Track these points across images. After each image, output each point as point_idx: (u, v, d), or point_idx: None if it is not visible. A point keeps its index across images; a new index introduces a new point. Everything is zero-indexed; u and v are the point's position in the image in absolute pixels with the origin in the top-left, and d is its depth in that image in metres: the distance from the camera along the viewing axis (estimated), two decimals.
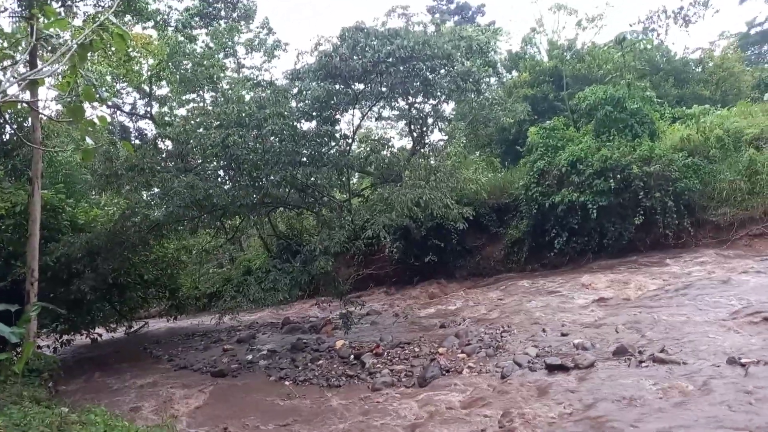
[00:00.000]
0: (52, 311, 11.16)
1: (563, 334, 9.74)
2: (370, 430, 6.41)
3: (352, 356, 10.36)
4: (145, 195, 14.83)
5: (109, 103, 20.44)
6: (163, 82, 21.18)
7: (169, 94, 22.33)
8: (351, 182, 15.95)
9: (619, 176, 16.27)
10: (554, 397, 6.67)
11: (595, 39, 28.63)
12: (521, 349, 9.10)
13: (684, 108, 20.80)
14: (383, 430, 6.36)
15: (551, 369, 7.81)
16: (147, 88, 20.73)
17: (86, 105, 4.94)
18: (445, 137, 18.27)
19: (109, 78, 19.78)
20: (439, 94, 14.19)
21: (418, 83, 13.35)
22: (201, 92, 21.77)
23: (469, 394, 7.39)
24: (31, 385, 8.33)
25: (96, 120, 5.41)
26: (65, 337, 14.60)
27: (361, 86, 13.45)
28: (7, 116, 13.81)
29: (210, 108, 15.18)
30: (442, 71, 13.40)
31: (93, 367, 12.66)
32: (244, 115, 12.07)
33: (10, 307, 8.86)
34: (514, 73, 26.81)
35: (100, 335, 15.92)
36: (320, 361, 10.38)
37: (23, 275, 10.54)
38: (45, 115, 13.97)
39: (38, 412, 6.69)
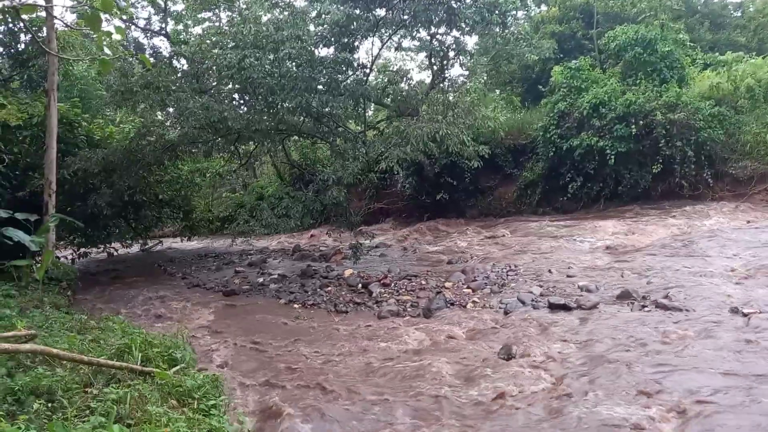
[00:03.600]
0: (69, 224, 11.43)
1: (569, 276, 9.87)
2: (374, 353, 6.67)
3: (359, 285, 10.61)
4: (160, 114, 14.77)
5: (124, 16, 19.91)
6: None
7: (184, 12, 21.69)
8: (367, 114, 15.71)
9: (641, 122, 15.89)
10: (554, 334, 6.84)
11: None
12: (526, 288, 9.26)
13: (717, 54, 19.92)
14: (387, 354, 6.61)
15: (554, 308, 7.96)
16: (162, 3, 20.12)
17: (103, 15, 4.83)
18: (466, 72, 17.78)
19: None
20: (462, 25, 13.65)
21: (442, 12, 12.83)
22: (217, 11, 21.10)
23: (472, 327, 7.59)
24: (50, 292, 8.66)
25: (113, 30, 5.29)
26: (82, 249, 15.04)
27: (383, 12, 12.97)
28: (21, 25, 13.57)
29: (226, 28, 14.75)
30: (468, 0, 12.83)
31: (109, 280, 13.13)
32: (260, 36, 11.71)
33: (29, 217, 9.08)
34: (543, 7, 25.58)
35: (116, 250, 16.38)
36: (329, 288, 10.65)
37: (41, 187, 10.71)
38: (63, 22, 13.70)
39: (59, 316, 7.01)
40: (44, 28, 11.40)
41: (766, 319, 6.51)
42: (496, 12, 13.42)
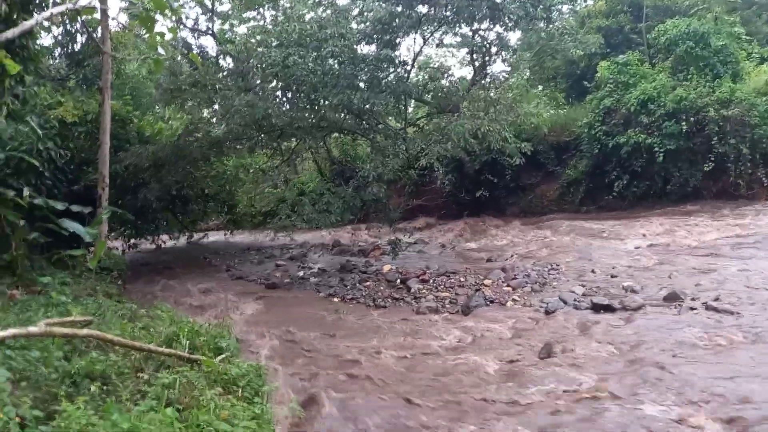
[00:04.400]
0: (120, 216, 11.93)
1: (613, 276, 9.63)
2: (412, 348, 6.70)
3: (398, 280, 10.65)
4: (206, 112, 15.20)
5: (175, 17, 20.57)
6: None
7: (230, 12, 22.21)
8: (407, 110, 15.73)
9: (692, 119, 15.33)
10: (597, 335, 6.71)
11: None
12: (568, 288, 9.09)
13: None
14: (425, 349, 6.63)
15: (597, 308, 7.80)
16: (209, 3, 20.67)
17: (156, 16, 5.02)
18: (508, 68, 17.53)
19: None
20: (506, 20, 13.47)
21: (485, 7, 12.70)
22: (261, 10, 21.51)
23: (512, 325, 7.52)
24: (102, 281, 9.06)
25: (165, 30, 5.49)
26: (132, 241, 15.65)
27: (425, 8, 12.94)
28: (78, 26, 14.21)
29: (270, 26, 15.05)
30: None
31: (158, 270, 13.61)
32: (304, 34, 11.90)
33: (84, 209, 9.49)
34: (589, 1, 24.89)
35: (164, 242, 16.97)
36: (367, 283, 10.74)
37: (94, 181, 11.20)
38: (118, 22, 14.28)
39: (111, 304, 7.33)
40: (99, 29, 11.89)
41: None
42: (541, 6, 13.19)
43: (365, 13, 13.23)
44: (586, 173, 17.98)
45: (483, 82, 15.05)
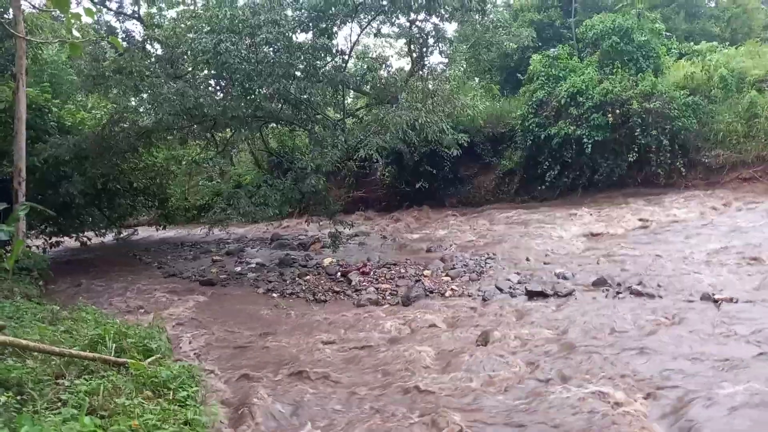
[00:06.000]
0: (41, 212, 11.13)
1: (546, 263, 9.99)
2: (351, 342, 6.66)
3: (338, 273, 10.58)
4: (133, 100, 14.43)
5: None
6: None
7: None
8: (345, 101, 15.59)
9: (618, 111, 16.08)
10: (532, 321, 6.93)
11: None
12: (504, 276, 9.34)
13: (692, 44, 20.21)
14: (366, 342, 6.61)
15: (531, 295, 8.06)
16: None
17: None
18: (446, 60, 17.69)
19: None
20: (442, 11, 13.55)
21: None
22: None
23: (451, 314, 7.64)
24: (21, 282, 8.46)
25: (82, 12, 5.11)
26: (54, 239, 14.71)
27: None
28: None
29: (201, 11, 14.44)
30: None
31: (83, 269, 12.87)
32: (236, 20, 11.49)
33: None
34: None
35: (90, 239, 16.05)
36: (307, 277, 10.60)
37: (10, 175, 10.41)
38: (30, 4, 13.24)
39: (30, 306, 6.85)
40: (10, 10, 10.99)
41: (736, 305, 6.69)
42: None
43: (300, 0, 12.92)
44: (521, 164, 18.54)
45: (421, 73, 15.11)
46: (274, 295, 9.66)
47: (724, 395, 4.44)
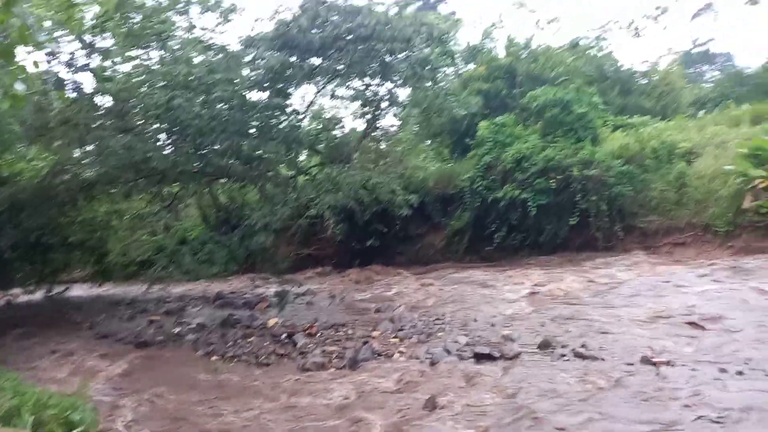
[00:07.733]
0: None
1: (493, 325, 10.03)
2: (296, 410, 6.38)
3: (284, 335, 10.24)
4: (78, 152, 14.00)
5: (47, 49, 19.02)
6: (108, 34, 19.86)
7: (113, 48, 21.03)
8: (299, 159, 15.70)
9: (559, 177, 16.82)
10: (480, 385, 6.87)
11: (551, 41, 29.31)
12: (452, 337, 9.29)
13: (626, 117, 21.71)
14: (309, 410, 6.35)
15: (479, 357, 8.02)
16: (89, 39, 19.43)
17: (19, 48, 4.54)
18: (398, 122, 18.27)
19: (48, 23, 18.35)
20: (396, 78, 14.15)
21: (376, 64, 13.24)
22: (148, 49, 20.63)
23: (398, 378, 7.48)
24: None
25: (29, 65, 4.98)
26: None
27: (318, 61, 13.20)
28: None
29: (156, 67, 14.43)
30: (401, 55, 13.36)
31: (4, 330, 11.93)
32: (191, 78, 11.56)
33: None
34: (471, 66, 26.99)
35: (13, 297, 15.02)
36: (251, 338, 10.21)
37: None
38: None
39: None
40: None
41: (673, 368, 6.87)
42: (428, 67, 14.03)
43: (258, 61, 13.18)
44: (469, 225, 18.93)
45: (374, 134, 15.54)
46: (214, 357, 9.22)
47: None
